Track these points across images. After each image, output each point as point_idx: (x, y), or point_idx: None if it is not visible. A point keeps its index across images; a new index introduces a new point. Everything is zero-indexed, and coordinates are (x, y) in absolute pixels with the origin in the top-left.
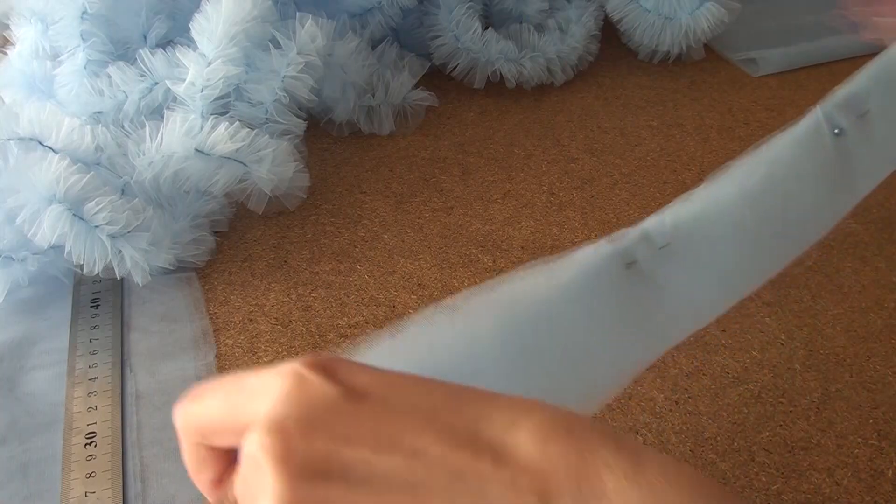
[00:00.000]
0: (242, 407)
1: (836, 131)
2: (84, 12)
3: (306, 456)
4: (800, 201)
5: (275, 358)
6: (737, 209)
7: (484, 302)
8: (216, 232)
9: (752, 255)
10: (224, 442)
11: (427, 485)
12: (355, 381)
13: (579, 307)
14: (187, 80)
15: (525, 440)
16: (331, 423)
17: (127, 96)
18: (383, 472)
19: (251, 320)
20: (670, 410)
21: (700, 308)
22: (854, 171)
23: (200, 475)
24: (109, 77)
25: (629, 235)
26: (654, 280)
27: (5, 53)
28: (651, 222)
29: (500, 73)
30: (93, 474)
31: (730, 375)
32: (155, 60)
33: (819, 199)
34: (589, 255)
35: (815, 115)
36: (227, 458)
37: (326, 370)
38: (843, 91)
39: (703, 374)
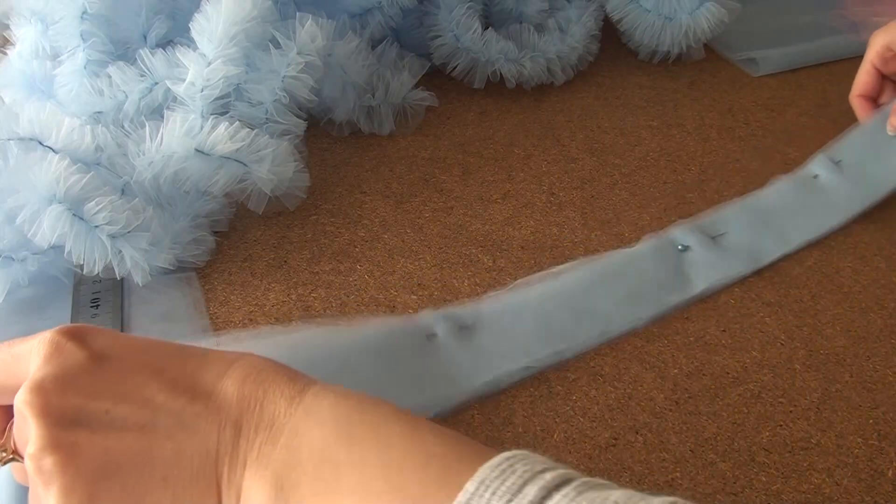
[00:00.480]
0: (13, 370)
1: (679, 247)
2: (84, 12)
3: (59, 408)
4: (607, 298)
5: None
6: (542, 303)
7: (312, 335)
8: (216, 232)
9: (550, 336)
10: (2, 401)
11: (153, 424)
12: (99, 346)
13: (379, 363)
14: (187, 80)
15: (229, 385)
16: (79, 381)
17: (127, 96)
18: (120, 418)
19: (251, 320)
20: (670, 410)
21: (496, 378)
22: (692, 278)
23: None
24: (109, 77)
25: (440, 312)
26: (451, 352)
27: (5, 53)
28: (459, 308)
29: (500, 73)
30: None
31: (730, 375)
32: (155, 60)
33: (642, 296)
34: (397, 322)
35: (660, 237)
36: (9, 414)
37: (77, 336)
38: (704, 218)
39: (703, 374)
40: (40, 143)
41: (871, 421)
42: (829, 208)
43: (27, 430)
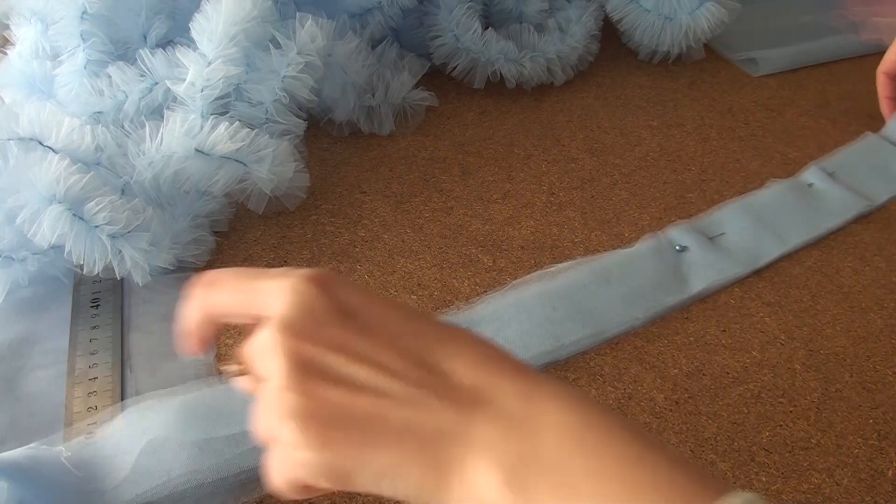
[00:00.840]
0: (254, 302)
1: (677, 248)
2: (84, 12)
3: (304, 354)
4: (603, 297)
5: None
6: (537, 303)
7: None
8: (216, 232)
9: (545, 335)
10: (231, 321)
11: (387, 390)
12: (347, 301)
13: None
14: (187, 80)
15: (459, 366)
16: (323, 332)
17: (127, 96)
18: (354, 376)
19: None
20: (670, 410)
21: None
22: (689, 279)
23: (193, 338)
24: (109, 77)
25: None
26: None
27: (5, 53)
28: (459, 316)
29: (500, 73)
30: None
31: (730, 375)
32: (155, 60)
33: (640, 296)
34: None
35: (658, 237)
36: (217, 328)
37: (326, 287)
38: (702, 219)
39: (703, 374)
40: (40, 143)
41: (871, 421)
42: (824, 212)
43: (270, 365)
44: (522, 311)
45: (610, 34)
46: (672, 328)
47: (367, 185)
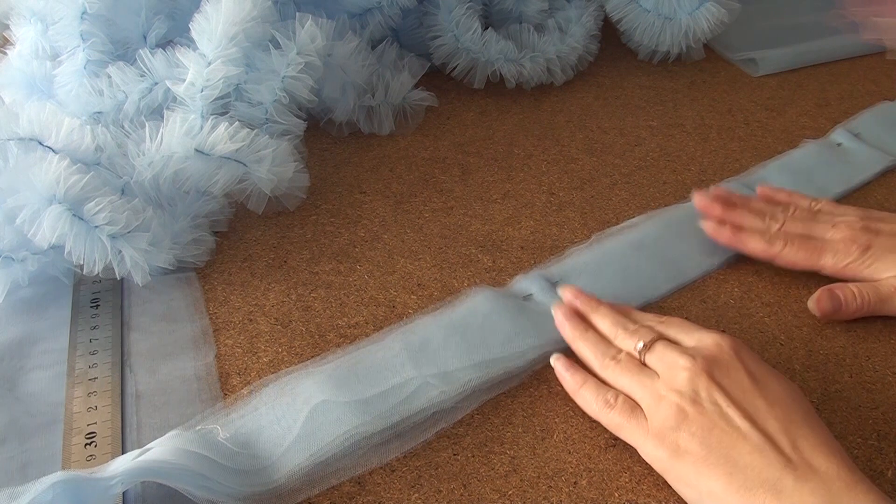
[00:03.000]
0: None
1: None
2: (84, 12)
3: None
4: (679, 247)
5: (274, 358)
6: (623, 254)
7: (438, 314)
8: (216, 232)
9: (634, 284)
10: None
11: (746, 432)
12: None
13: (493, 321)
14: (187, 80)
15: (808, 446)
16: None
17: (127, 96)
18: (731, 414)
19: (251, 320)
20: None
21: None
22: None
23: None
24: (109, 77)
25: (530, 276)
26: (546, 307)
27: (5, 53)
28: (545, 269)
29: (500, 73)
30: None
31: None
32: (155, 60)
33: (711, 245)
34: (497, 293)
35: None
36: None
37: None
38: (749, 175)
39: None
40: (40, 143)
41: (870, 421)
42: (855, 168)
43: (680, 375)
44: (608, 264)
45: (610, 34)
46: None
47: (367, 185)
